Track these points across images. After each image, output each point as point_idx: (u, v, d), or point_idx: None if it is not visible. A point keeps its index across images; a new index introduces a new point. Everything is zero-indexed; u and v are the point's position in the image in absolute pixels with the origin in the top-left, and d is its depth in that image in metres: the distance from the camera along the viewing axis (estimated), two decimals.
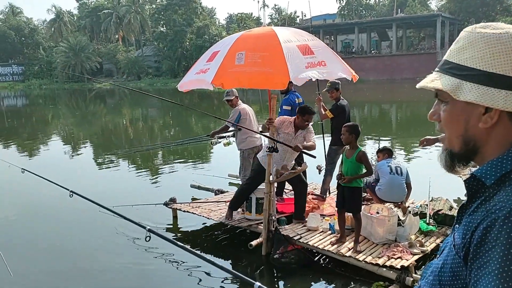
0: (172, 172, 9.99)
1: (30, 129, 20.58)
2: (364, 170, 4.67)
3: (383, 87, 36.95)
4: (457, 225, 0.90)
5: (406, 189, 5.70)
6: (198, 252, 5.27)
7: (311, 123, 5.24)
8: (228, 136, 6.85)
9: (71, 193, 4.07)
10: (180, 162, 10.96)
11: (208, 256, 5.17)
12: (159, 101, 36.77)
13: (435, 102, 0.96)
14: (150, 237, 2.99)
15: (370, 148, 11.45)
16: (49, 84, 65.80)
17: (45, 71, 67.63)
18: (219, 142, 7.06)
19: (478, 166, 0.91)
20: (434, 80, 0.91)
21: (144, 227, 3.09)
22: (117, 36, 70.23)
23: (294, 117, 5.27)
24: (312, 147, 5.08)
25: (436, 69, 0.94)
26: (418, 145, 4.10)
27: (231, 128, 6.45)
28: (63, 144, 15.53)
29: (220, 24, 72.84)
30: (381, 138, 13.97)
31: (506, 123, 0.85)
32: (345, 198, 4.67)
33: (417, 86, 0.97)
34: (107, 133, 18.72)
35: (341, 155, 4.97)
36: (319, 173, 6.66)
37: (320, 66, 4.60)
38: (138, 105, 34.53)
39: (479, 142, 0.88)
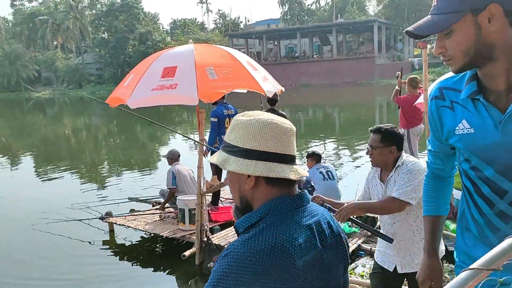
0: (118, 183, 9.88)
1: None
2: None
3: (326, 91, 38.07)
4: None
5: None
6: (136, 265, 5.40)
7: (405, 156, 2.64)
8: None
9: None
10: (124, 173, 10.88)
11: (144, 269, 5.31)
12: (103, 108, 35.89)
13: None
14: None
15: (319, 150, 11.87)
16: None
17: None
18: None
19: None
20: (214, 157, 1.23)
21: None
22: (55, 43, 67.64)
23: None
24: (378, 207, 2.62)
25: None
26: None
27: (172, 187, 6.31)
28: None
29: (164, 29, 72.10)
30: (326, 140, 14.51)
31: (263, 185, 1.17)
32: None
33: (209, 160, 1.32)
34: (48, 144, 18.14)
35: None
36: None
37: (268, 80, 4.98)
38: (80, 113, 33.55)
39: (249, 199, 1.19)
